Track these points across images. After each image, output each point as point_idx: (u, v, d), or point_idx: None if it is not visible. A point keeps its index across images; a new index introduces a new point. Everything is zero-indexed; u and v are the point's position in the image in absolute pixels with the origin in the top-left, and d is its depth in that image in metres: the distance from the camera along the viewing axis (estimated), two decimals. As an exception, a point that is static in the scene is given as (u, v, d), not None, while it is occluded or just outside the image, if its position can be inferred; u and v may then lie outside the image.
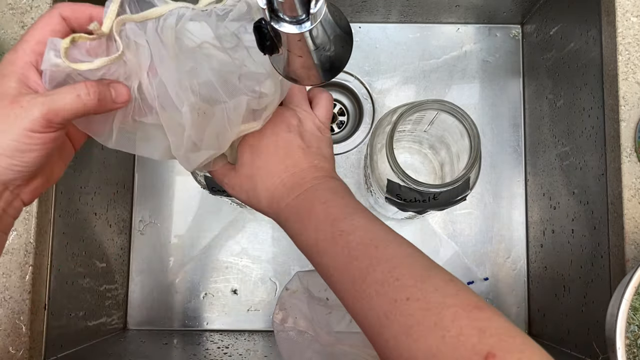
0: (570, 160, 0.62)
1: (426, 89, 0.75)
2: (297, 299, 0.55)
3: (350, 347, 0.53)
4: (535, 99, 0.72)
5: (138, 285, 0.73)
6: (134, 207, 0.74)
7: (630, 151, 0.51)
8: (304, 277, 0.56)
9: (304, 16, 0.29)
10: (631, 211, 0.50)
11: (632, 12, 0.53)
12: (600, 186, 0.55)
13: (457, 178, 0.55)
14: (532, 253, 0.72)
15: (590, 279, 0.57)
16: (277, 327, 0.54)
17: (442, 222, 0.73)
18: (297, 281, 0.55)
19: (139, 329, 0.72)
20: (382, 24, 0.76)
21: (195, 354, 0.62)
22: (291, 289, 0.55)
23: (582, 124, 0.59)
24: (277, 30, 0.30)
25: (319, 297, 0.55)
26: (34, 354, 0.52)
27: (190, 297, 0.72)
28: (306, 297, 0.55)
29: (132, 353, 0.64)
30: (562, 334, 0.64)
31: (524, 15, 0.75)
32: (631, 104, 0.51)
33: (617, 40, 0.52)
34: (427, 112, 0.58)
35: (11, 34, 0.53)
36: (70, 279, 0.59)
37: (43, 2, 0.53)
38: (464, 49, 0.76)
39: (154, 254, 0.73)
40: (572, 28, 0.62)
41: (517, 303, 0.72)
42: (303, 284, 0.55)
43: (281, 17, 0.30)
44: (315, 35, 0.31)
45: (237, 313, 0.72)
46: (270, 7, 0.29)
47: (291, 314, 0.54)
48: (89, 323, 0.63)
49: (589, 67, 0.58)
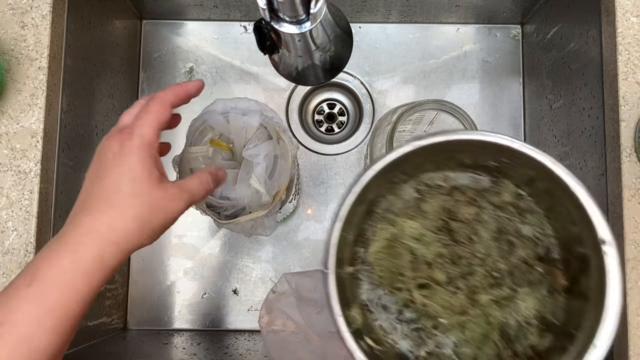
0: (570, 160, 0.62)
1: (426, 89, 0.75)
2: (286, 300, 0.54)
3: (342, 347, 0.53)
4: (535, 99, 0.72)
5: (138, 285, 0.73)
6: (134, 207, 0.74)
7: (630, 151, 0.51)
8: (291, 278, 0.55)
9: (304, 16, 0.29)
10: (631, 211, 0.50)
11: (632, 12, 0.53)
12: (600, 186, 0.55)
13: (457, 178, 0.54)
14: (532, 253, 0.72)
15: (590, 279, 0.57)
16: (265, 329, 0.54)
17: (442, 222, 0.73)
18: (285, 283, 0.55)
19: (139, 329, 0.72)
20: (382, 24, 0.76)
21: (195, 354, 0.62)
22: (278, 291, 0.55)
23: (582, 124, 0.59)
24: (278, 30, 0.30)
25: (309, 298, 0.55)
26: (34, 353, 0.52)
27: (190, 297, 0.72)
28: (295, 298, 0.54)
29: (132, 353, 0.64)
30: (562, 334, 0.64)
31: (524, 15, 0.75)
32: (631, 104, 0.51)
33: (617, 40, 0.52)
34: (427, 112, 0.58)
35: (11, 34, 0.53)
36: (70, 278, 0.59)
37: (43, 2, 0.53)
38: (464, 49, 0.76)
39: (154, 254, 0.73)
40: (572, 28, 0.62)
41: (517, 303, 0.72)
42: (291, 286, 0.55)
43: (281, 17, 0.29)
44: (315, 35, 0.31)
45: (237, 313, 0.72)
46: (270, 7, 0.29)
47: (279, 316, 0.54)
48: (89, 323, 0.63)
49: (589, 67, 0.58)
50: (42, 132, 0.52)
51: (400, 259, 0.38)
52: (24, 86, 0.52)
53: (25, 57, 0.52)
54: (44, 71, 0.52)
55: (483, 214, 0.39)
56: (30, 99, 0.52)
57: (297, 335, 0.53)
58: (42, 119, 0.52)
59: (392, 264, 0.38)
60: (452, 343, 0.37)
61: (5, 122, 0.52)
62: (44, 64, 0.52)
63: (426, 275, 0.38)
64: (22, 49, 0.52)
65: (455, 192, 0.40)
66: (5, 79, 0.52)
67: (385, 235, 0.39)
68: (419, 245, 0.39)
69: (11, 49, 0.52)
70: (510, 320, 0.37)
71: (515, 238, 0.38)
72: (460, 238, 0.39)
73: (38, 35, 0.53)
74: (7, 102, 0.52)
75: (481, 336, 0.37)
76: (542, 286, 0.37)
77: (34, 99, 0.52)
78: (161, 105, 0.40)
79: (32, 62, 0.52)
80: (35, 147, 0.52)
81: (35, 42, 0.53)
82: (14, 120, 0.52)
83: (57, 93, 0.55)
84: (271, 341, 0.53)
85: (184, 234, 0.73)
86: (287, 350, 0.53)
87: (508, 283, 0.38)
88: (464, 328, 0.38)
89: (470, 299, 0.38)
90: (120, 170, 0.38)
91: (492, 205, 0.39)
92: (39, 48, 0.52)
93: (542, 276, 0.38)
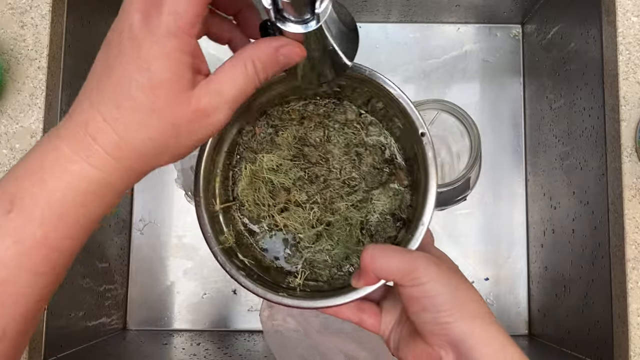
0: (571, 160, 0.62)
1: (426, 88, 0.75)
2: None
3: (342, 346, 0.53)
4: (535, 98, 0.72)
5: (138, 285, 0.73)
6: (133, 207, 0.74)
7: (630, 151, 0.51)
8: None
9: (310, 16, 0.29)
10: (632, 211, 0.50)
11: (632, 11, 0.52)
12: (601, 186, 0.55)
13: (458, 178, 0.55)
14: (532, 253, 0.72)
15: (590, 279, 0.57)
16: (266, 323, 0.54)
17: (442, 222, 0.73)
18: None
19: (138, 329, 0.72)
20: (382, 24, 0.76)
21: (195, 354, 0.62)
22: None
23: (582, 123, 0.59)
24: (283, 30, 0.30)
25: None
26: (33, 354, 0.52)
27: (190, 297, 0.72)
28: None
29: (132, 353, 0.63)
30: (562, 334, 0.64)
31: (524, 15, 0.74)
32: (632, 104, 0.51)
33: (618, 40, 0.52)
34: (428, 111, 0.58)
35: (11, 33, 0.53)
36: (69, 279, 0.59)
37: (43, 2, 0.53)
38: (464, 49, 0.76)
39: (154, 254, 0.73)
40: (572, 28, 0.62)
41: (517, 303, 0.72)
42: None
43: (286, 17, 0.29)
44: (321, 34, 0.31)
45: (237, 313, 0.72)
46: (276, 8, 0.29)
47: (280, 312, 0.54)
48: (89, 323, 0.63)
49: (589, 67, 0.58)
50: (41, 132, 0.52)
51: (260, 191, 0.45)
52: (24, 86, 0.52)
53: (25, 56, 0.52)
54: (43, 71, 0.52)
55: (332, 134, 0.46)
56: (29, 98, 0.52)
57: (298, 332, 0.54)
58: (42, 119, 0.52)
59: (255, 197, 0.45)
60: (323, 249, 0.45)
61: (5, 122, 0.52)
62: (43, 64, 0.52)
63: (285, 200, 0.45)
64: (21, 48, 0.52)
65: (305, 121, 0.46)
66: (5, 78, 0.52)
67: (247, 173, 0.45)
68: (278, 174, 0.45)
69: (11, 49, 0.52)
70: (370, 218, 0.45)
71: (362, 149, 0.46)
72: (315, 159, 0.46)
73: (37, 35, 0.53)
74: (7, 102, 0.52)
75: (346, 236, 0.45)
76: (390, 186, 0.45)
77: (34, 98, 0.52)
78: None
79: (32, 62, 0.52)
80: (35, 147, 0.51)
81: (35, 42, 0.52)
82: (13, 120, 0.52)
83: (57, 93, 0.55)
84: (272, 337, 0.53)
85: (184, 234, 0.73)
86: (287, 347, 0.53)
87: (363, 187, 0.45)
88: (331, 234, 0.45)
89: (330, 209, 0.45)
90: (136, 63, 0.27)
91: (338, 124, 0.46)
92: (38, 48, 0.52)
93: (389, 177, 0.46)
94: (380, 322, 0.40)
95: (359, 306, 0.40)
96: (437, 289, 0.34)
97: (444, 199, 0.57)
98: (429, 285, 0.34)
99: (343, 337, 0.53)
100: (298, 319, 0.54)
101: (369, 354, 0.53)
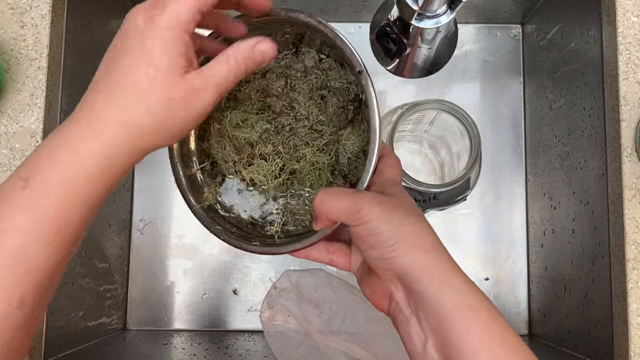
0: (571, 160, 0.62)
1: (426, 88, 0.75)
2: (287, 297, 0.55)
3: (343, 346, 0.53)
4: (535, 98, 0.72)
5: (138, 285, 0.73)
6: (133, 207, 0.74)
7: (630, 151, 0.51)
8: (292, 275, 0.55)
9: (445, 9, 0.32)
10: (631, 211, 0.50)
11: (632, 11, 0.52)
12: (601, 186, 0.55)
13: (458, 178, 0.55)
14: (532, 253, 0.72)
15: (590, 279, 0.57)
16: (266, 324, 0.54)
17: (442, 222, 0.73)
18: (287, 279, 0.55)
19: (138, 329, 0.72)
20: (382, 24, 0.76)
21: (195, 354, 0.62)
22: (280, 287, 0.55)
23: (582, 123, 0.59)
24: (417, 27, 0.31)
25: (310, 297, 0.55)
26: (33, 354, 0.52)
27: (190, 297, 0.72)
28: (295, 295, 0.55)
29: (132, 353, 0.63)
30: (562, 334, 0.64)
31: (524, 15, 0.74)
32: (632, 104, 0.51)
33: (618, 40, 0.52)
34: (428, 111, 0.58)
35: (11, 33, 0.53)
36: (70, 279, 0.59)
37: (43, 2, 0.53)
38: (464, 49, 0.76)
39: (154, 254, 0.73)
40: (572, 28, 0.62)
41: (517, 303, 0.72)
42: (292, 282, 0.55)
43: (423, 15, 0.31)
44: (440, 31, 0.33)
45: (237, 313, 0.72)
46: None
47: (281, 312, 0.54)
48: (89, 323, 0.63)
49: (589, 67, 0.58)
50: (41, 132, 0.52)
51: (226, 148, 0.46)
52: (24, 86, 0.52)
53: (25, 56, 0.52)
54: (43, 71, 0.52)
55: (295, 83, 0.46)
56: (29, 98, 0.52)
57: (299, 333, 0.54)
58: (42, 119, 0.52)
59: (222, 154, 0.46)
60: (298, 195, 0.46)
61: (5, 122, 0.52)
62: (43, 64, 0.52)
63: (249, 155, 0.46)
64: (21, 48, 0.52)
65: (267, 74, 0.46)
66: (5, 78, 0.52)
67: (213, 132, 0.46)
68: (243, 130, 0.45)
69: (11, 49, 0.52)
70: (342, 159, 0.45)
71: (326, 91, 0.46)
72: (280, 109, 0.46)
73: (37, 35, 0.53)
74: (7, 102, 0.52)
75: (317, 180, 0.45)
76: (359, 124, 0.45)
77: (34, 98, 0.52)
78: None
79: (32, 62, 0.52)
80: (35, 147, 0.51)
81: (35, 42, 0.52)
82: (13, 120, 0.52)
83: (57, 93, 0.55)
84: (273, 337, 0.53)
85: (184, 234, 0.73)
86: (288, 346, 0.53)
87: (330, 130, 0.45)
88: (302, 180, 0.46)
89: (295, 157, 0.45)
90: (140, 54, 0.32)
91: (299, 72, 0.46)
92: (38, 48, 0.52)
93: (355, 115, 0.46)
94: (350, 261, 0.42)
95: (328, 248, 0.42)
96: (380, 226, 0.35)
97: (444, 199, 0.57)
98: (372, 223, 0.35)
99: (344, 337, 0.54)
100: (299, 320, 0.54)
101: (370, 354, 0.53)
